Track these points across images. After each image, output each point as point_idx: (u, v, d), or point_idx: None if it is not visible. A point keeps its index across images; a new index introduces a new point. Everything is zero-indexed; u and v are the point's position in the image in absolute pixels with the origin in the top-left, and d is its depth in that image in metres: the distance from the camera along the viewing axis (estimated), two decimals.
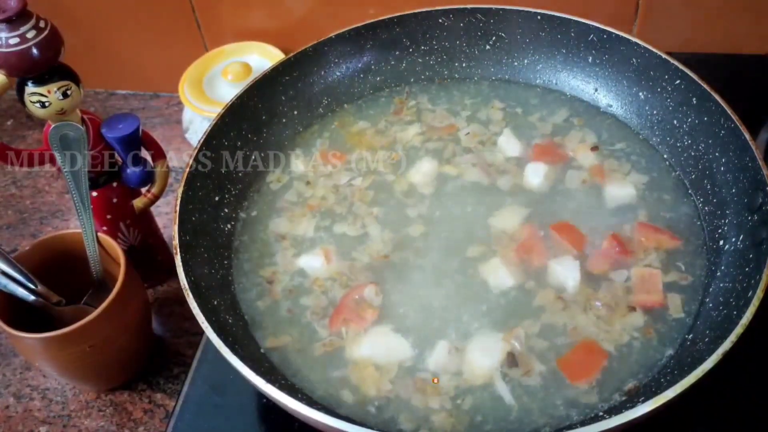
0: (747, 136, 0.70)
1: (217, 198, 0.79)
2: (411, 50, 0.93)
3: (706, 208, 0.75)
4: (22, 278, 0.76)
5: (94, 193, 0.83)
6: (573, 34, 0.87)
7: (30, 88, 0.72)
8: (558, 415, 0.63)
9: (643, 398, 0.58)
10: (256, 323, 0.71)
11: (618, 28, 0.83)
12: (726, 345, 0.56)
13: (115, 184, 0.85)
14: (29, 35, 0.69)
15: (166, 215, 1.05)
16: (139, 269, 0.83)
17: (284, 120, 0.88)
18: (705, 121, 0.77)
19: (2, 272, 0.75)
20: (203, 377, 0.76)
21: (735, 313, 0.60)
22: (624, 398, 0.63)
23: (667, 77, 0.80)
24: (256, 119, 0.85)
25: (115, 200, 0.85)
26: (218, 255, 0.75)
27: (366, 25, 0.89)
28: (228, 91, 1.10)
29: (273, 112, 0.87)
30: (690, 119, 0.79)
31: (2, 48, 0.68)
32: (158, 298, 0.96)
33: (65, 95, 0.73)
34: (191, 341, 0.90)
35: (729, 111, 0.72)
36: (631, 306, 0.69)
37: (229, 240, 0.78)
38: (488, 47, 0.92)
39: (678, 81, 0.79)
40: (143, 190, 0.87)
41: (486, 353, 0.66)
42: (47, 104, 0.73)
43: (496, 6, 0.88)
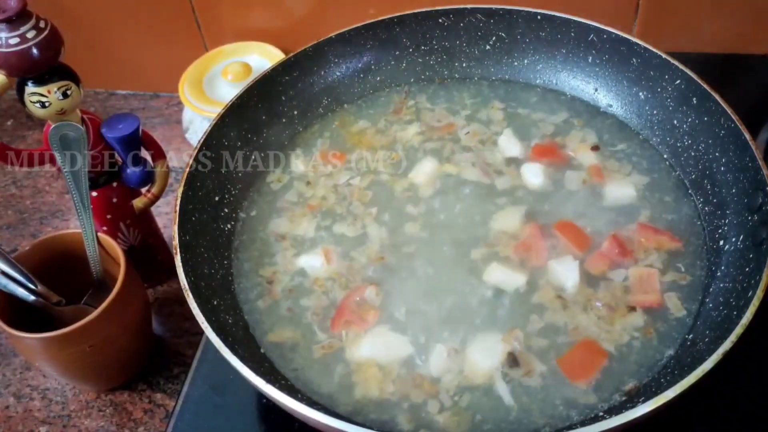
0: (747, 136, 0.70)
1: (217, 198, 0.79)
2: (411, 50, 0.93)
3: (706, 209, 0.75)
4: (22, 278, 0.76)
5: (94, 193, 0.83)
6: (573, 34, 0.87)
7: (30, 88, 0.72)
8: (558, 415, 0.63)
9: (643, 398, 0.58)
10: (256, 323, 0.71)
11: (618, 28, 0.83)
12: (726, 345, 0.56)
13: (115, 184, 0.85)
14: (29, 35, 0.68)
15: (166, 215, 1.05)
16: (139, 269, 0.83)
17: (284, 120, 0.88)
18: (705, 121, 0.77)
19: (2, 272, 0.75)
20: (203, 377, 0.76)
21: (735, 314, 0.60)
22: (624, 398, 0.63)
23: (667, 77, 0.80)
24: (256, 119, 0.85)
25: (115, 200, 0.85)
26: (218, 255, 0.75)
27: (366, 25, 0.89)
28: (228, 91, 1.10)
29: (273, 112, 0.87)
30: (690, 119, 0.79)
31: (2, 48, 0.68)
32: (158, 298, 0.96)
33: (65, 95, 0.73)
34: (191, 341, 0.90)
35: (729, 111, 0.72)
36: (631, 306, 0.69)
37: (229, 240, 0.78)
38: (488, 47, 0.92)
39: (678, 81, 0.79)
40: (143, 190, 0.87)
41: (486, 353, 0.66)
42: (47, 104, 0.73)
43: (496, 6, 0.88)
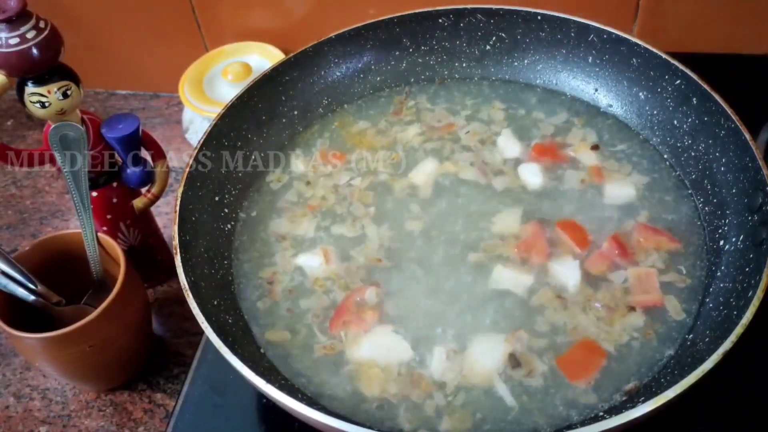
0: (747, 136, 0.70)
1: (217, 198, 0.79)
2: (411, 50, 0.93)
3: (707, 209, 0.75)
4: (22, 278, 0.76)
5: (94, 193, 0.83)
6: (573, 34, 0.87)
7: (30, 88, 0.72)
8: (558, 415, 0.63)
9: (643, 398, 0.58)
10: (256, 323, 0.71)
11: (618, 28, 0.83)
12: (726, 345, 0.56)
13: (115, 184, 0.85)
14: (29, 35, 0.68)
15: (166, 215, 1.05)
16: (139, 269, 0.83)
17: (284, 120, 0.88)
18: (705, 121, 0.77)
19: (2, 272, 0.75)
20: (203, 377, 0.76)
21: (735, 314, 0.60)
22: (624, 398, 0.63)
23: (667, 77, 0.80)
24: (256, 119, 0.85)
25: (115, 200, 0.85)
26: (218, 255, 0.75)
27: (366, 25, 0.89)
28: (228, 91, 1.10)
29: (273, 112, 0.87)
30: (690, 119, 0.79)
31: (2, 48, 0.68)
32: (158, 298, 0.96)
33: (65, 95, 0.73)
34: (191, 341, 0.90)
35: (729, 111, 0.72)
36: (631, 306, 0.69)
37: (229, 240, 0.78)
38: (488, 47, 0.92)
39: (678, 81, 0.79)
40: (143, 190, 0.87)
41: (487, 354, 0.66)
42: (47, 104, 0.73)
43: (496, 6, 0.88)
